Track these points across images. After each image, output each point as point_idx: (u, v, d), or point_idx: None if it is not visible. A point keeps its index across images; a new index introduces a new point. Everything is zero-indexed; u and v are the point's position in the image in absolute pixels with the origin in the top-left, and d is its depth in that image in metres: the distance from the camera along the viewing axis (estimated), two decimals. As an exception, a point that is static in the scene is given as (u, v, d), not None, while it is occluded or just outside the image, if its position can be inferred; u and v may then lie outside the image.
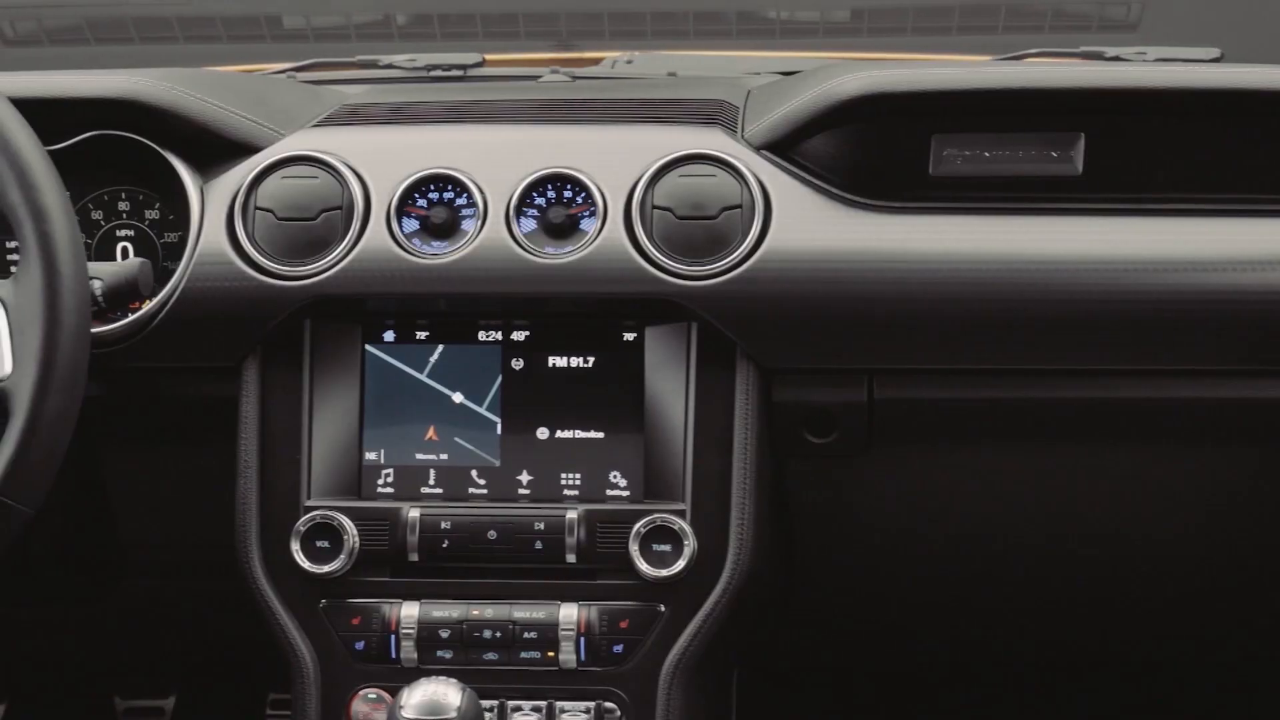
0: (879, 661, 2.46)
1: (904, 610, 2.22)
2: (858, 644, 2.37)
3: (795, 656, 2.37)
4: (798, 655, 2.36)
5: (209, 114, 1.97)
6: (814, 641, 2.33)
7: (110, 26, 2.78)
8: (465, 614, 1.87)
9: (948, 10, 2.73)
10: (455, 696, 1.65)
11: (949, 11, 2.73)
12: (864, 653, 2.42)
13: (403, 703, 1.66)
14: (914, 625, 2.27)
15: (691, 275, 1.86)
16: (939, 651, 2.41)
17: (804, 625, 2.22)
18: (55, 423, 1.55)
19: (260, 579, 1.91)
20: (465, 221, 1.91)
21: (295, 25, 2.80)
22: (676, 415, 1.90)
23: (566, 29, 2.73)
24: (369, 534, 1.88)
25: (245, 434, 1.92)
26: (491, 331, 1.93)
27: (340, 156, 1.94)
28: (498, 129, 2.04)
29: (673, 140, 1.94)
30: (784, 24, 2.78)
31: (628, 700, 1.86)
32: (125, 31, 2.74)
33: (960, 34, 2.75)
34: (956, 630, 2.30)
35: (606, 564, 1.88)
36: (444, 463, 1.92)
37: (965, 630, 2.30)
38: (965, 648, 2.38)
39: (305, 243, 1.91)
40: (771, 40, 2.80)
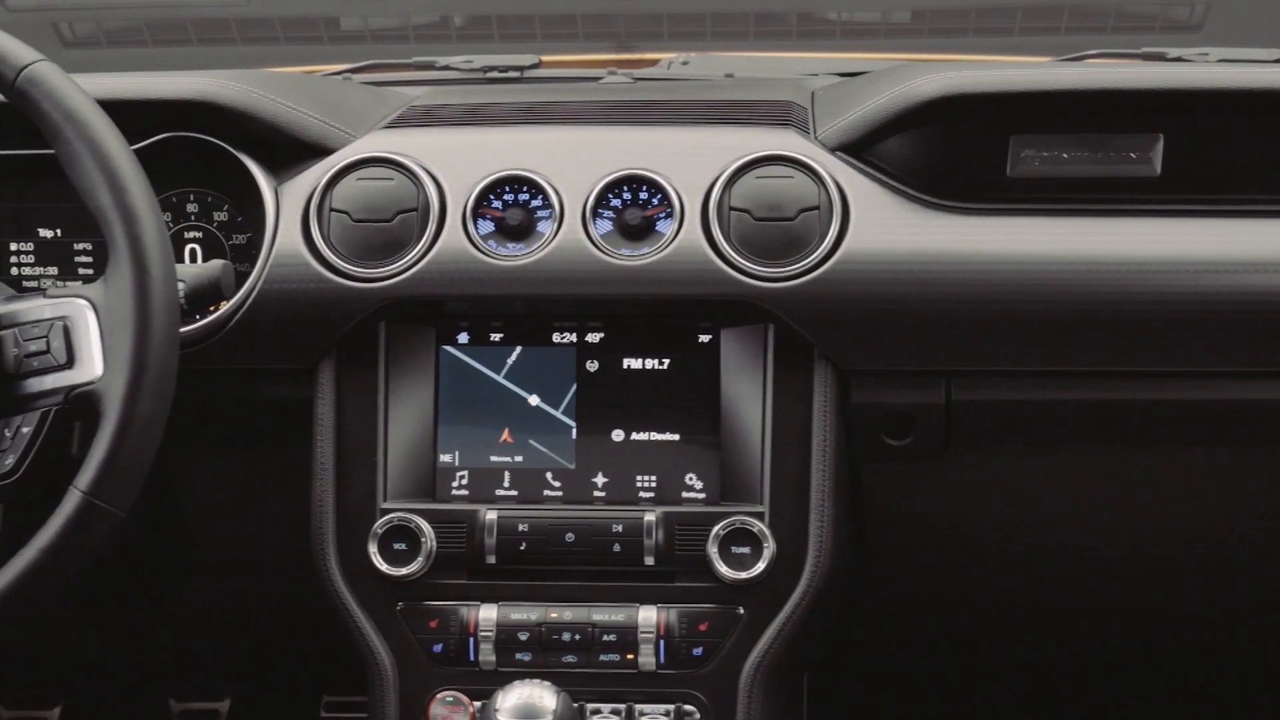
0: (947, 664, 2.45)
1: (973, 613, 2.21)
2: (926, 646, 2.36)
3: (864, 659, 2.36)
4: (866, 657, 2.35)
5: (283, 116, 1.97)
6: (882, 643, 2.32)
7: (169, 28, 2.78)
8: (544, 616, 1.87)
9: (1010, 11, 2.72)
10: (550, 699, 1.65)
11: (1011, 12, 2.72)
12: (933, 655, 2.41)
13: (497, 705, 1.66)
14: (983, 628, 2.26)
15: (769, 277, 1.86)
16: (1006, 654, 2.40)
17: (873, 627, 2.21)
18: (146, 425, 1.55)
19: (338, 582, 1.90)
20: (541, 223, 1.91)
21: (353, 27, 2.80)
22: (753, 417, 1.89)
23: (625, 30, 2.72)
24: (446, 536, 1.88)
25: (321, 436, 1.91)
26: (566, 333, 1.92)
27: (415, 158, 1.93)
28: (571, 130, 2.03)
29: (748, 141, 1.94)
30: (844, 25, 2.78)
31: (707, 703, 1.86)
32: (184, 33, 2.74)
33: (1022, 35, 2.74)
34: (1025, 633, 2.29)
35: (684, 566, 1.87)
36: (519, 465, 1.92)
37: (1034, 633, 2.29)
38: (1033, 650, 2.37)
39: (381, 244, 1.90)
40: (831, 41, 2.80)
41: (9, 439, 1.59)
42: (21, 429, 1.59)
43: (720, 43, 2.74)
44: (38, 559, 1.52)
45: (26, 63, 1.61)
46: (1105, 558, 2.07)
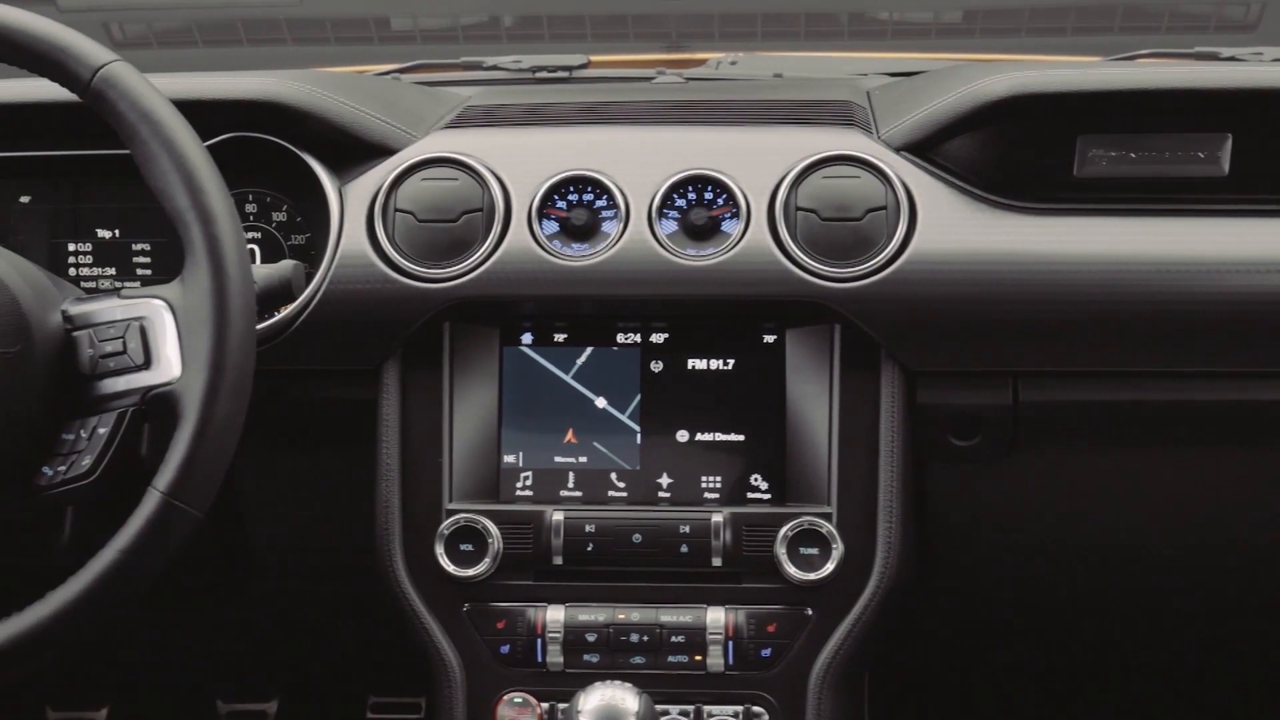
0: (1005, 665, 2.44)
1: (1034, 613, 2.20)
2: (985, 647, 2.35)
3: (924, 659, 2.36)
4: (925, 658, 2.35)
5: (346, 115, 1.97)
6: (941, 644, 2.31)
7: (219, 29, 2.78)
8: (611, 617, 1.86)
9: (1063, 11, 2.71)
10: (633, 701, 1.64)
11: (1064, 12, 2.71)
12: (992, 655, 2.40)
13: (580, 707, 1.65)
14: (1041, 628, 2.25)
15: (837, 277, 1.85)
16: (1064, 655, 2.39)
17: (931, 627, 2.20)
18: (225, 426, 1.55)
19: (404, 583, 1.90)
20: (606, 224, 1.90)
21: (403, 27, 2.79)
22: (819, 417, 1.89)
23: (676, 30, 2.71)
24: (512, 537, 1.88)
25: (386, 437, 1.91)
26: (630, 334, 1.92)
27: (480, 158, 1.93)
28: (634, 130, 2.03)
29: (813, 141, 1.93)
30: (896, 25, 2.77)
31: (776, 705, 1.85)
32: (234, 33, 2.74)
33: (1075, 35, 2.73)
34: (1083, 634, 2.28)
35: (751, 567, 1.87)
36: (583, 465, 1.91)
37: (1093, 634, 2.28)
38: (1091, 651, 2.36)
39: (446, 245, 1.90)
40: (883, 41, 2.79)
41: (85, 440, 1.59)
42: (98, 430, 1.59)
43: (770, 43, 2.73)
44: (117, 560, 1.51)
45: (102, 63, 1.60)
46: (1169, 559, 2.06)
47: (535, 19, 2.76)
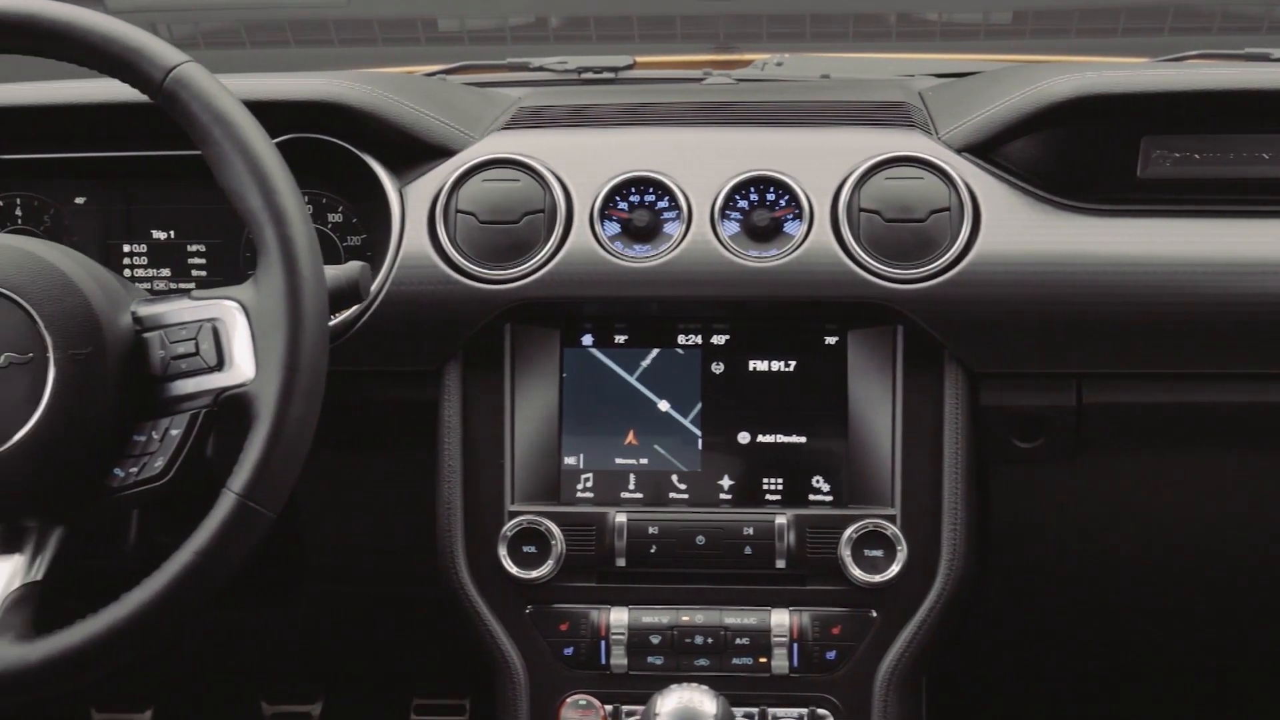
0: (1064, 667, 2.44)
1: (1092, 616, 2.20)
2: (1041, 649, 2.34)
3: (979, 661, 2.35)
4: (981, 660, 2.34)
5: (407, 117, 1.97)
6: (997, 646, 2.30)
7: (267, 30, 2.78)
8: (675, 620, 1.86)
9: (1113, 12, 2.70)
10: (710, 704, 1.64)
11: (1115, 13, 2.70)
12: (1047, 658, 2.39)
13: (657, 709, 1.65)
14: (1100, 631, 2.25)
15: (901, 279, 1.85)
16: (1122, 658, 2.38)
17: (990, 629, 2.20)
18: (299, 428, 1.54)
19: (467, 585, 1.89)
20: (667, 225, 1.90)
21: (450, 28, 2.79)
22: (881, 419, 1.88)
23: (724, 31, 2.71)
24: (574, 539, 1.87)
25: (448, 439, 1.91)
26: (691, 335, 1.92)
27: (541, 159, 1.92)
28: (693, 131, 2.02)
29: (875, 143, 1.93)
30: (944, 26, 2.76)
31: (841, 707, 1.85)
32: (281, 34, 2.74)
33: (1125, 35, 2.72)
34: (1143, 636, 2.27)
35: (815, 569, 1.86)
36: (644, 467, 1.91)
37: (1153, 637, 2.27)
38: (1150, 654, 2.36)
39: (508, 246, 1.89)
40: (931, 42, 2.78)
41: (156, 441, 1.58)
42: (170, 431, 1.58)
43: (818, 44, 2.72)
44: (193, 562, 1.51)
45: (175, 63, 1.60)
46: (1232, 563, 2.06)
47: (582, 20, 2.75)
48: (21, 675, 1.51)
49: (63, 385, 1.55)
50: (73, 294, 1.59)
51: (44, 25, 1.60)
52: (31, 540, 1.59)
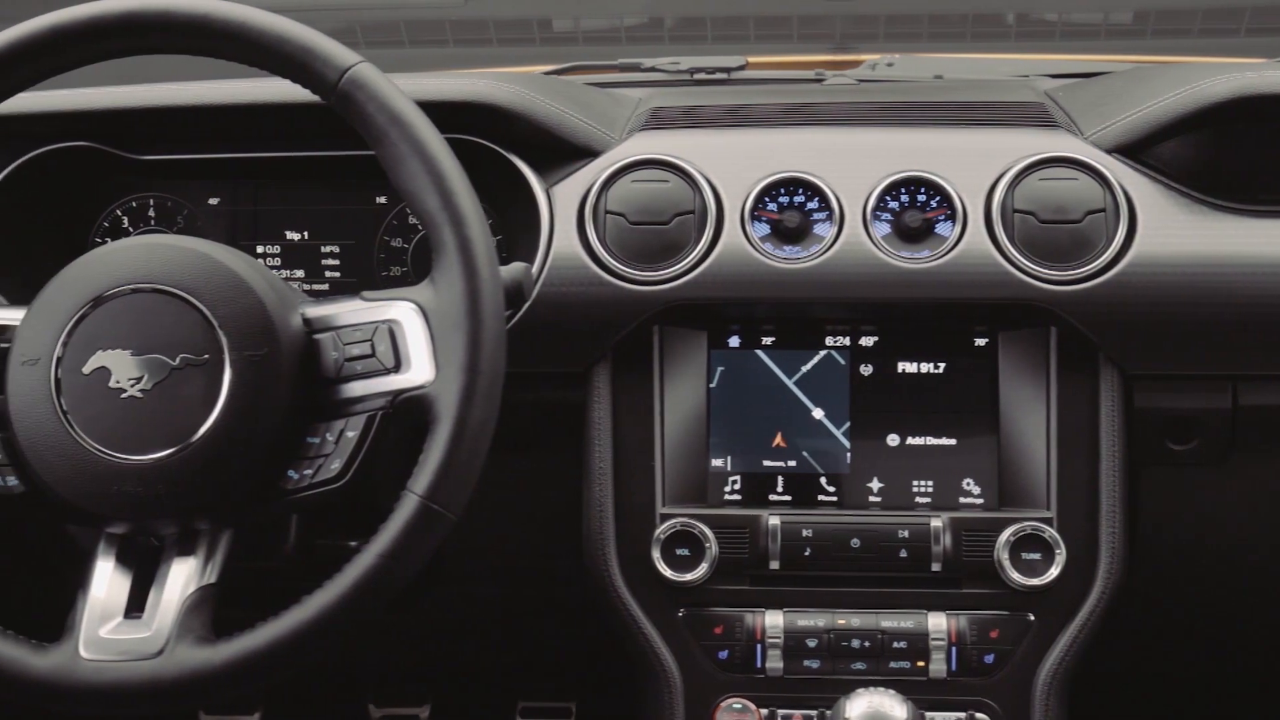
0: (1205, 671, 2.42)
1: (1237, 619, 2.18)
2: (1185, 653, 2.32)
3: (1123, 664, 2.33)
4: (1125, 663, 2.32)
5: (554, 117, 1.96)
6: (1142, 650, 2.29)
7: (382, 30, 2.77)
8: (831, 623, 1.85)
9: (1238, 11, 2.68)
10: (901, 709, 1.63)
11: (1239, 13, 2.68)
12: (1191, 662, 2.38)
13: (846, 714, 1.64)
14: (1247, 635, 2.23)
15: (1056, 280, 1.84)
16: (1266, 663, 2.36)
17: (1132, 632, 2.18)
18: (480, 429, 1.53)
19: (621, 588, 1.88)
20: (817, 225, 1.89)
21: (564, 28, 2.78)
22: (1034, 421, 1.87)
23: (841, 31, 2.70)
24: (727, 542, 1.86)
25: (598, 440, 1.90)
26: (840, 337, 1.91)
27: (690, 160, 1.92)
28: (838, 132, 2.01)
29: (1024, 143, 1.92)
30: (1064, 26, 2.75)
31: (999, 711, 1.84)
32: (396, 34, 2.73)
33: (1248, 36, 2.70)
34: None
35: (970, 572, 1.85)
36: (792, 469, 1.90)
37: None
38: None
39: (658, 247, 1.89)
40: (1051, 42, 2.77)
41: (332, 443, 1.57)
42: (346, 433, 1.57)
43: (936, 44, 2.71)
44: (377, 564, 1.50)
45: (349, 64, 1.59)
46: None
47: (698, 20, 2.74)
48: (207, 678, 1.50)
49: (239, 386, 1.55)
50: (247, 295, 1.58)
51: (217, 26, 1.60)
52: (204, 543, 1.59)
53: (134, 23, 1.60)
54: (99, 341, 1.57)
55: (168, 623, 1.53)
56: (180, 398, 1.55)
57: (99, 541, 1.60)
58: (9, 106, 1.70)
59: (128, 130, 2.04)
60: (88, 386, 1.56)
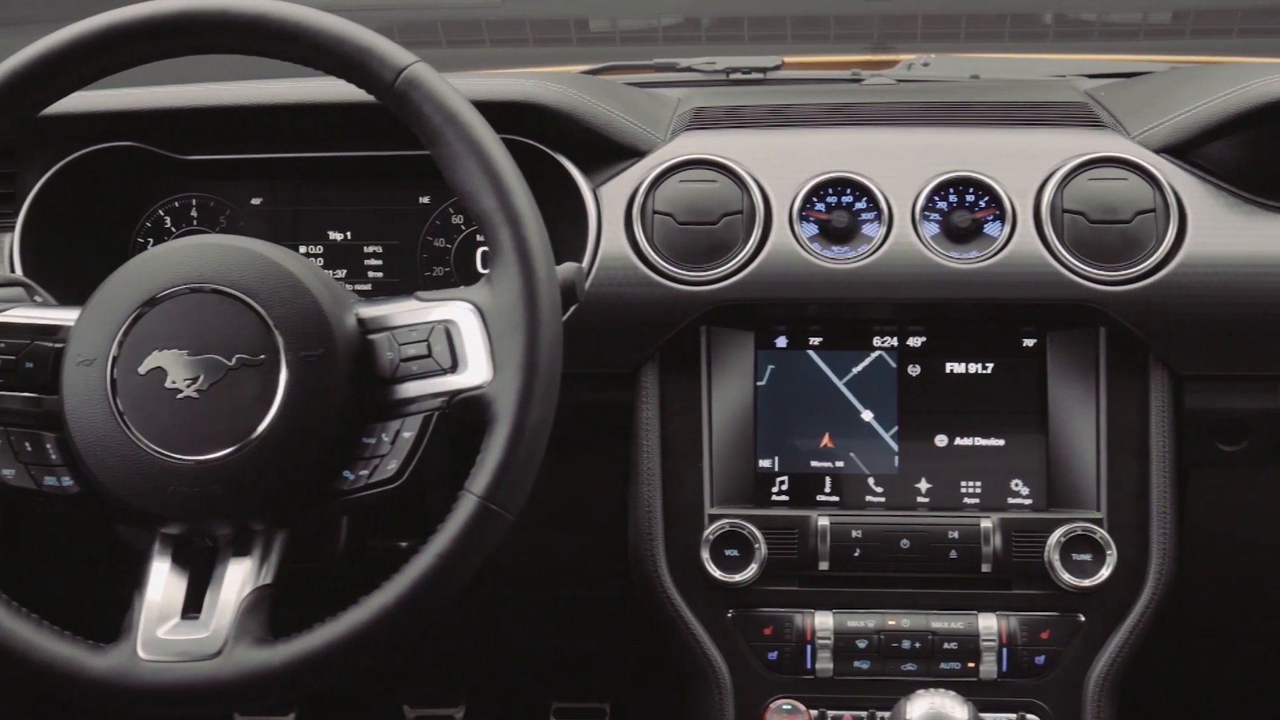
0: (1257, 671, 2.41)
1: None
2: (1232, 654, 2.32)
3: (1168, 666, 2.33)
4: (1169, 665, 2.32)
5: (601, 117, 1.96)
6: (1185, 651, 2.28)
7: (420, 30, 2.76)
8: (881, 624, 1.85)
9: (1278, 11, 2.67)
10: (961, 711, 1.62)
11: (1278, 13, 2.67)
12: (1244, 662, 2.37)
13: (907, 715, 1.63)
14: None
15: (1107, 280, 1.83)
16: None
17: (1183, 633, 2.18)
18: (538, 430, 1.53)
19: (670, 589, 1.88)
20: (865, 226, 1.89)
21: (601, 28, 2.77)
22: (1084, 422, 1.87)
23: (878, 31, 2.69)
24: (776, 542, 1.86)
25: (647, 441, 1.90)
26: (887, 337, 1.90)
27: (738, 160, 1.91)
28: (884, 132, 2.01)
29: (1072, 143, 1.91)
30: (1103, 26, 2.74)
31: (1050, 712, 1.83)
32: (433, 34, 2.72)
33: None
34: None
35: (1020, 573, 1.85)
36: (840, 470, 1.90)
37: None
38: None
39: (706, 247, 1.88)
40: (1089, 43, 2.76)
41: (387, 444, 1.57)
42: (402, 434, 1.56)
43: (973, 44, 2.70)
44: (436, 564, 1.50)
45: (405, 64, 1.59)
46: None
47: (735, 20, 2.73)
48: (266, 679, 1.50)
49: (295, 387, 1.54)
50: (303, 295, 1.58)
51: (273, 26, 1.59)
52: (259, 544, 1.58)
53: (190, 22, 1.60)
54: (155, 342, 1.56)
55: (226, 624, 1.53)
56: (236, 398, 1.54)
57: (153, 542, 1.60)
58: (56, 106, 1.70)
59: (173, 130, 2.04)
60: (144, 387, 1.56)
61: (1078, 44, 2.77)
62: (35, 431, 1.61)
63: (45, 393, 1.61)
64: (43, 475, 1.60)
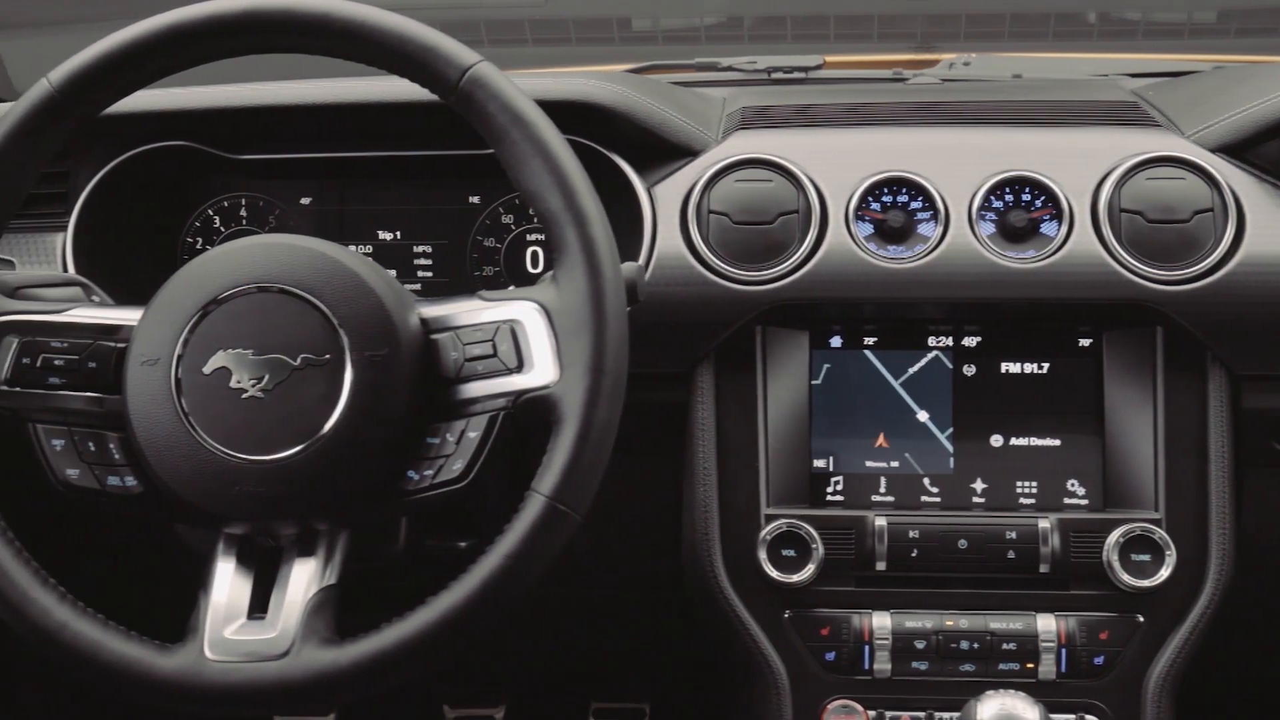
0: None
1: None
2: None
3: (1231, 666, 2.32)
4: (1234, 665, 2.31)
5: (656, 117, 1.95)
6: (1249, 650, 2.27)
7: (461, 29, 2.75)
8: (939, 624, 1.84)
9: (1323, 10, 2.68)
10: (1032, 712, 1.62)
11: (1327, 11, 2.67)
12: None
13: (979, 716, 1.63)
14: None
15: (1165, 280, 1.83)
16: None
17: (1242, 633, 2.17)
18: (605, 429, 1.52)
19: (727, 589, 1.88)
20: (921, 225, 1.88)
21: (643, 28, 2.77)
22: (1140, 422, 1.86)
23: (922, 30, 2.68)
24: (832, 542, 1.85)
25: (703, 441, 1.89)
26: (942, 337, 1.90)
27: (793, 159, 1.91)
28: (936, 131, 2.00)
29: (1127, 143, 1.91)
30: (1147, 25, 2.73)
31: (1110, 713, 1.83)
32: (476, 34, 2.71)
33: (1336, 34, 2.69)
34: None
35: (1078, 573, 1.84)
36: (895, 470, 1.89)
37: None
38: None
39: (762, 247, 1.88)
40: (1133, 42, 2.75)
41: (452, 444, 1.56)
42: (467, 434, 1.56)
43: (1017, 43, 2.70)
44: (504, 565, 1.49)
45: (470, 63, 1.59)
46: None
47: (778, 19, 2.73)
48: (335, 679, 1.50)
49: (360, 387, 1.54)
50: (367, 295, 1.57)
51: (337, 25, 1.59)
52: (323, 544, 1.58)
53: (255, 21, 1.59)
54: (219, 341, 1.56)
55: (293, 624, 1.52)
56: (302, 398, 1.54)
57: (217, 542, 1.59)
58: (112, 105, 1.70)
59: (226, 130, 2.04)
60: (208, 386, 1.55)
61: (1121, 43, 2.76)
62: (98, 431, 1.61)
63: (108, 393, 1.61)
64: (106, 475, 1.60)
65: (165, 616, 1.66)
